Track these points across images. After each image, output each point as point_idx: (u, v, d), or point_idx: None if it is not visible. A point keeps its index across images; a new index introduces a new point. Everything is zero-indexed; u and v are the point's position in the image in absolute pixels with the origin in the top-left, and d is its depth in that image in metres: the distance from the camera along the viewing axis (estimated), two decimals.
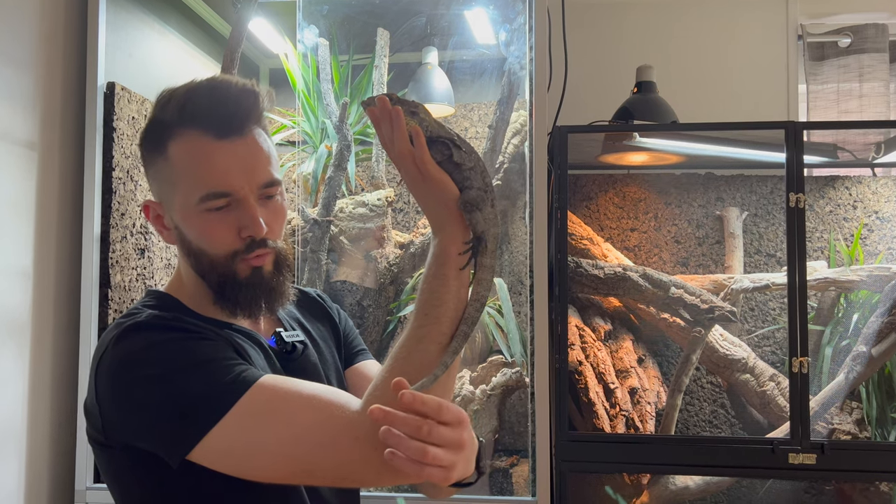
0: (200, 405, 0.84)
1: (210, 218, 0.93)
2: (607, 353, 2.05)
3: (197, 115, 0.93)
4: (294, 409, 0.84)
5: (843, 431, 1.86)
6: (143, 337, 0.89)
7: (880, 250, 2.17)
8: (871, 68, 2.74)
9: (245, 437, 0.83)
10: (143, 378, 0.87)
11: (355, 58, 2.34)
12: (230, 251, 0.94)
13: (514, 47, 1.95)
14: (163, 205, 0.97)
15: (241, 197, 0.93)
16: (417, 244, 2.18)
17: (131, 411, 0.88)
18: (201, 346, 0.89)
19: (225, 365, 0.87)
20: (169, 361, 0.87)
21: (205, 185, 0.92)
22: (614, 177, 2.31)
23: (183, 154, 0.93)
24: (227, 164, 0.92)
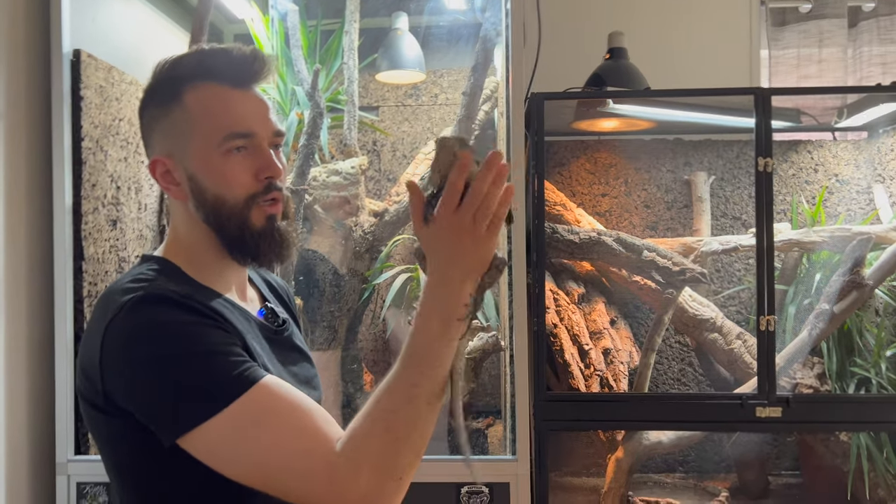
0: (201, 396, 0.86)
1: (231, 160, 0.97)
2: (581, 316, 2.10)
3: (214, 68, 0.98)
4: (284, 427, 0.87)
5: (806, 385, 1.95)
6: (156, 312, 0.90)
7: (840, 212, 2.25)
8: (831, 34, 2.80)
9: (233, 438, 0.86)
10: (152, 357, 0.88)
11: (324, 23, 2.31)
12: (248, 194, 0.98)
13: (489, 13, 1.94)
14: (174, 158, 0.99)
15: (259, 141, 0.98)
16: (392, 212, 2.19)
17: (136, 386, 0.89)
18: (212, 334, 0.90)
19: (231, 360, 0.89)
20: (179, 345, 0.88)
21: (227, 127, 0.96)
22: (586, 143, 2.35)
23: (202, 101, 0.97)
24: (246, 109, 0.98)
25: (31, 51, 1.79)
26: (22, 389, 1.76)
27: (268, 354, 1.01)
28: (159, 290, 0.92)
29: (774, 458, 2.28)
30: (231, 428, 0.85)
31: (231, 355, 0.89)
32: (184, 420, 0.86)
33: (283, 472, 0.86)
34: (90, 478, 1.77)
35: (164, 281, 0.95)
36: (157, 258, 1.02)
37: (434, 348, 0.86)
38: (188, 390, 0.87)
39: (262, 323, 1.05)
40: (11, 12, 1.73)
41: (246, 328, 0.99)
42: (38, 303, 1.81)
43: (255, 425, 0.86)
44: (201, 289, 0.99)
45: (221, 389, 0.86)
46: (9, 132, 1.72)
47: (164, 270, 0.98)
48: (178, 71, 0.99)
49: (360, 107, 2.31)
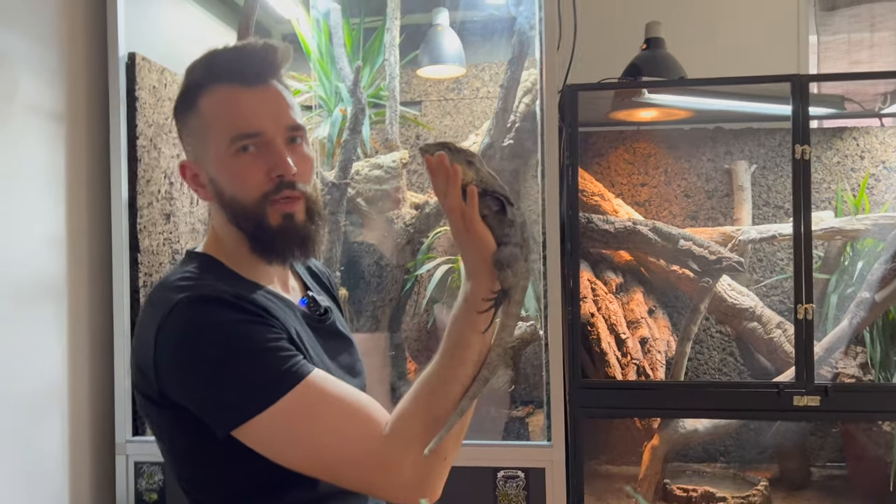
0: (253, 391, 0.91)
1: (241, 160, 0.98)
2: (618, 305, 2.11)
3: (222, 70, 0.99)
4: (335, 416, 0.91)
5: (848, 375, 1.93)
6: (207, 312, 0.94)
7: (887, 199, 2.21)
8: (883, 17, 2.73)
9: (285, 430, 0.91)
10: (205, 357, 0.93)
11: (367, 20, 2.37)
12: (261, 193, 0.99)
13: (523, 7, 1.97)
14: (198, 162, 1.02)
15: (269, 138, 0.98)
16: (432, 204, 2.24)
17: (189, 382, 0.94)
18: (260, 331, 0.94)
19: (281, 356, 0.93)
20: (231, 344, 0.92)
21: (234, 128, 0.98)
22: (624, 133, 2.35)
23: (212, 105, 0.99)
24: (254, 108, 0.99)
25: (90, 55, 1.90)
26: (84, 374, 1.87)
27: (311, 342, 1.04)
28: (208, 290, 0.95)
29: (818, 449, 2.26)
30: (283, 420, 0.90)
31: (280, 350, 0.93)
32: (237, 414, 0.91)
33: (336, 459, 0.91)
34: (147, 457, 1.88)
35: (212, 279, 0.99)
36: (200, 255, 1.06)
37: (465, 336, 0.91)
38: (241, 386, 0.91)
39: (305, 312, 1.08)
40: (71, 20, 1.84)
41: (290, 318, 1.02)
42: (98, 293, 1.92)
43: (306, 417, 0.90)
44: (244, 282, 1.02)
45: (273, 384, 0.90)
46: (70, 132, 1.83)
47: (209, 266, 1.02)
48: (193, 77, 1.02)
49: (403, 102, 2.36)
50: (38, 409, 1.73)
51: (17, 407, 1.66)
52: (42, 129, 1.75)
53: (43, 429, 1.75)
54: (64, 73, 1.81)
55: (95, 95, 1.91)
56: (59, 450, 1.79)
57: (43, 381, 1.75)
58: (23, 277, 1.69)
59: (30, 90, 1.71)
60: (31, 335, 1.72)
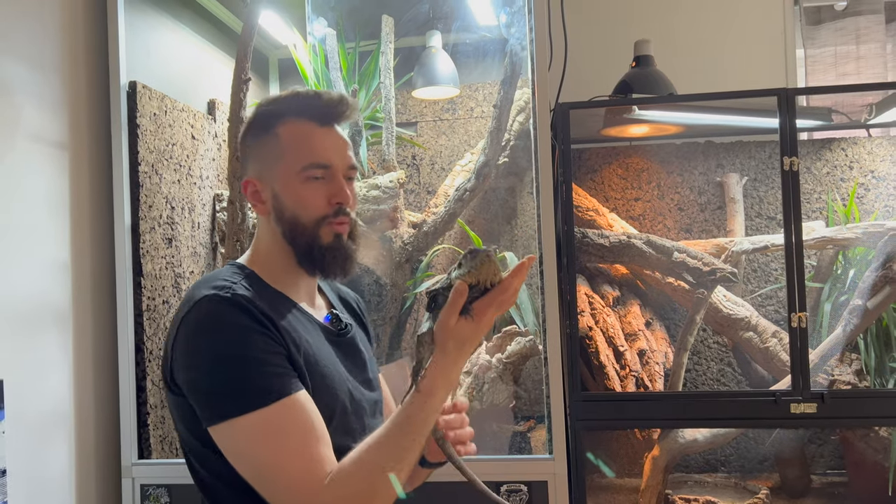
0: (236, 395, 1.01)
1: (309, 186, 1.12)
2: (616, 318, 2.14)
3: (305, 107, 1.14)
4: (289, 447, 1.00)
5: (843, 382, 1.95)
6: (222, 312, 1.04)
7: (876, 208, 2.25)
8: (868, 30, 2.79)
9: (243, 442, 1.01)
10: (208, 351, 1.04)
11: (362, 44, 2.42)
12: (320, 215, 1.12)
13: (514, 29, 2.02)
14: (262, 180, 1.15)
15: (335, 172, 1.13)
16: (430, 223, 2.27)
17: (189, 372, 1.05)
18: (261, 342, 1.03)
19: (268, 370, 1.02)
20: (232, 346, 1.02)
21: (309, 157, 1.12)
22: (617, 149, 2.40)
23: (291, 133, 1.13)
24: (327, 144, 1.14)
25: (91, 84, 1.95)
26: (89, 398, 1.89)
27: (329, 354, 1.14)
28: (230, 293, 1.06)
29: (818, 457, 2.27)
30: (245, 432, 1.00)
31: (272, 365, 1.02)
32: (217, 412, 1.02)
33: (274, 486, 1.00)
34: (153, 480, 1.90)
35: (241, 285, 1.09)
36: (239, 264, 1.18)
37: (432, 417, 1.03)
38: (228, 388, 1.01)
39: (327, 327, 1.18)
40: (72, 49, 1.89)
41: (307, 330, 1.12)
42: (102, 317, 1.94)
43: (265, 437, 0.99)
44: (273, 293, 1.13)
45: (254, 395, 1.00)
46: (73, 159, 1.87)
47: (243, 274, 1.13)
48: (275, 108, 1.15)
49: (399, 123, 2.40)
50: (44, 433, 1.75)
51: (23, 431, 1.68)
52: (45, 157, 1.78)
53: (49, 452, 1.77)
54: (66, 102, 1.85)
55: (97, 123, 1.95)
56: (66, 473, 1.81)
57: (49, 405, 1.77)
58: (28, 303, 1.72)
59: (33, 118, 1.75)
60: (37, 360, 1.74)
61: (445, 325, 1.00)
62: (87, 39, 1.94)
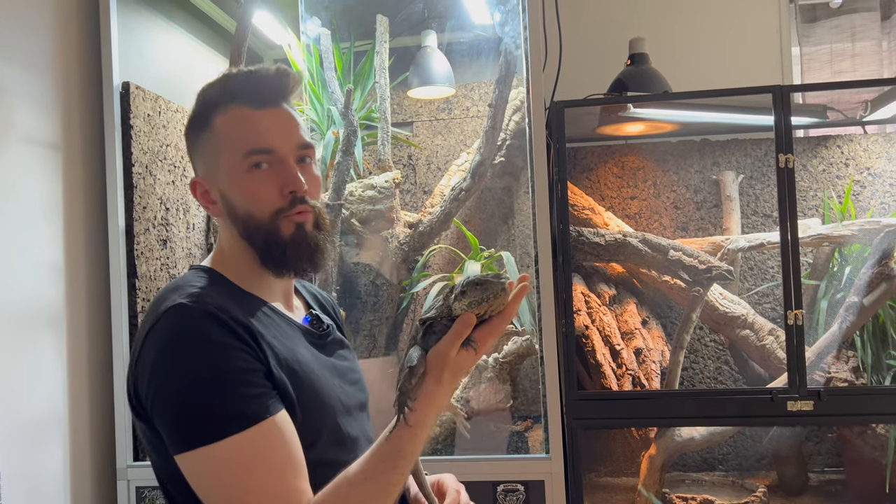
0: (207, 422, 0.90)
1: (255, 177, 1.01)
2: (612, 317, 2.14)
3: (237, 91, 1.03)
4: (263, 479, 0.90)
5: (840, 379, 1.95)
6: (192, 325, 0.94)
7: (872, 205, 2.24)
8: (864, 27, 2.79)
9: (214, 473, 0.90)
10: (175, 371, 0.92)
11: (357, 44, 2.41)
12: (274, 209, 1.02)
13: (508, 27, 2.02)
14: (209, 179, 1.05)
15: (282, 156, 1.02)
16: (426, 223, 2.26)
17: (156, 395, 0.93)
18: (236, 358, 0.93)
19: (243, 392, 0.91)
20: (202, 365, 0.92)
21: (247, 143, 1.01)
22: (613, 148, 2.39)
23: (227, 123, 1.03)
24: (267, 126, 1.03)
25: (85, 85, 1.94)
26: (84, 400, 1.89)
27: (313, 360, 1.05)
28: (199, 302, 0.95)
29: (815, 455, 2.27)
30: (221, 461, 0.90)
31: (248, 385, 0.92)
32: (185, 439, 0.91)
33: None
34: (148, 482, 1.89)
35: (209, 291, 0.98)
36: (204, 268, 1.07)
37: (420, 448, 0.94)
38: (197, 412, 0.90)
39: (307, 329, 1.09)
40: (65, 51, 1.88)
41: (286, 336, 1.02)
42: (97, 319, 1.94)
43: (238, 467, 0.90)
44: (247, 296, 1.03)
45: (227, 421, 0.90)
46: (66, 161, 1.86)
47: (212, 279, 1.03)
48: (208, 98, 1.05)
49: (394, 123, 2.40)
50: (39, 436, 1.74)
51: (18, 434, 1.67)
52: (38, 159, 1.78)
53: (44, 455, 1.76)
54: (59, 103, 1.85)
55: (91, 124, 1.94)
56: (61, 476, 1.80)
57: (43, 407, 1.76)
58: (22, 305, 1.71)
59: (26, 120, 1.74)
60: (31, 362, 1.73)
61: (445, 356, 0.92)
62: (80, 40, 1.94)
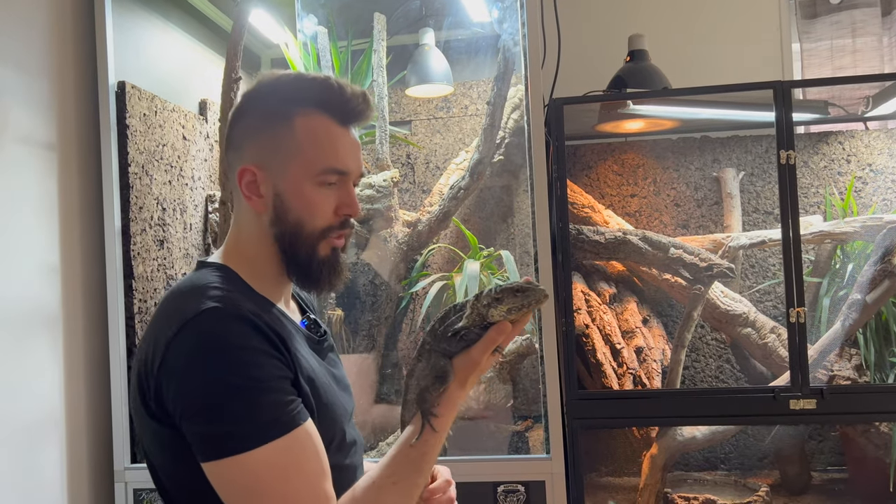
0: (241, 430, 0.89)
1: (322, 192, 1.01)
2: (613, 316, 2.12)
3: (325, 100, 1.01)
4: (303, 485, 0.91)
5: (843, 377, 1.93)
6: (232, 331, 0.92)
7: (874, 201, 2.23)
8: (864, 23, 2.77)
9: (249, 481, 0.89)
10: (210, 375, 0.91)
11: (354, 43, 2.40)
12: (326, 225, 1.02)
13: (506, 24, 2.00)
14: (265, 173, 1.01)
15: (349, 179, 1.03)
16: (425, 222, 2.25)
17: (187, 397, 0.91)
18: (270, 366, 0.93)
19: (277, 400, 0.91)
20: (240, 374, 0.90)
21: (329, 161, 1.00)
22: (612, 145, 2.38)
23: (311, 130, 1.00)
24: (346, 148, 1.02)
25: (80, 85, 1.93)
26: (81, 402, 1.87)
27: (320, 368, 1.04)
28: (232, 306, 0.94)
29: (818, 454, 2.26)
30: (257, 469, 0.89)
31: (282, 392, 0.92)
32: (219, 447, 0.89)
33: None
34: (146, 485, 1.88)
35: (235, 295, 0.97)
36: (217, 265, 1.04)
37: (439, 448, 0.98)
38: (234, 420, 0.89)
39: (307, 333, 1.09)
40: (61, 50, 1.87)
41: (301, 344, 1.03)
42: (94, 320, 1.92)
43: (278, 473, 0.89)
44: (259, 299, 1.01)
45: (263, 429, 0.89)
46: (62, 161, 1.85)
47: (229, 278, 1.01)
48: (287, 93, 1.02)
49: (393, 122, 2.38)
50: (35, 438, 1.73)
51: (14, 435, 1.66)
52: (34, 159, 1.76)
53: (41, 457, 1.75)
54: (54, 103, 1.83)
55: (86, 124, 1.93)
56: (58, 478, 1.79)
57: (40, 409, 1.75)
58: (18, 306, 1.70)
59: (21, 121, 1.73)
60: (28, 363, 1.72)
61: (476, 362, 0.95)
62: (76, 39, 1.92)
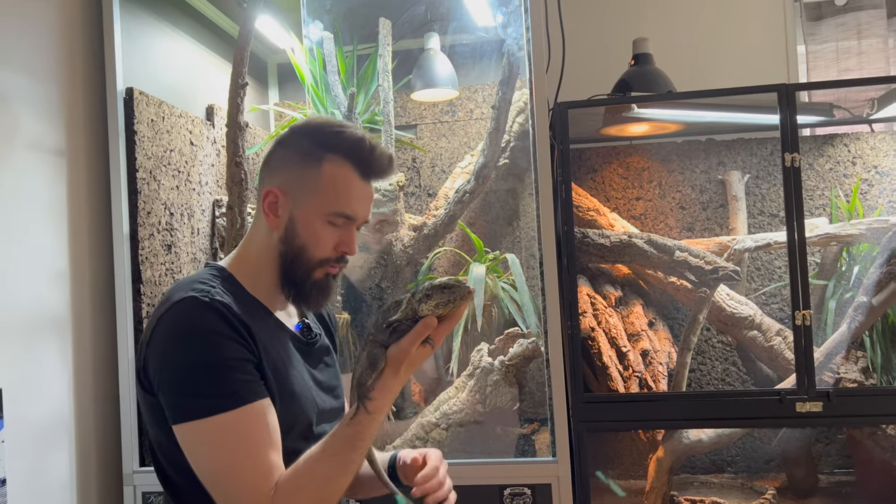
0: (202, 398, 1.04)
1: (327, 228, 1.16)
2: (618, 319, 2.12)
3: (355, 155, 1.16)
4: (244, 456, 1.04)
5: (850, 380, 1.93)
6: (198, 315, 1.08)
7: (880, 203, 2.23)
8: (869, 25, 2.77)
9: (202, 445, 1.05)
10: (179, 353, 1.07)
11: (359, 48, 2.41)
12: (323, 257, 1.17)
13: (511, 29, 2.01)
14: (287, 198, 1.16)
15: (353, 224, 1.18)
16: (430, 226, 2.26)
17: (161, 372, 1.08)
18: (233, 348, 1.07)
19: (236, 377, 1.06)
20: (203, 351, 1.06)
21: (341, 205, 1.16)
22: (617, 148, 2.38)
23: (334, 175, 1.16)
24: (359, 198, 1.17)
25: (89, 91, 1.94)
26: (89, 406, 1.89)
27: (296, 363, 1.18)
28: (208, 297, 1.09)
29: (825, 456, 2.25)
30: (211, 434, 1.04)
31: (240, 372, 1.06)
32: (182, 412, 1.05)
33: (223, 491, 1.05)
34: (155, 488, 1.88)
35: (218, 290, 1.11)
36: (219, 267, 1.19)
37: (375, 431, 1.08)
38: (195, 390, 1.05)
39: (296, 335, 1.22)
40: (69, 57, 1.88)
41: (278, 339, 1.16)
42: (102, 324, 1.94)
43: (223, 443, 1.04)
44: (251, 300, 1.16)
45: (219, 399, 1.04)
46: (71, 167, 1.86)
47: (222, 278, 1.16)
48: (327, 139, 1.17)
49: (398, 126, 2.39)
50: (44, 442, 1.74)
51: (23, 439, 1.67)
52: (43, 165, 1.78)
53: (50, 460, 1.76)
54: (63, 109, 1.85)
55: (95, 130, 1.95)
56: (67, 481, 1.80)
57: (49, 413, 1.76)
58: (27, 311, 1.72)
59: (30, 127, 1.74)
60: (37, 368, 1.73)
61: (406, 351, 1.05)
62: (84, 46, 1.94)
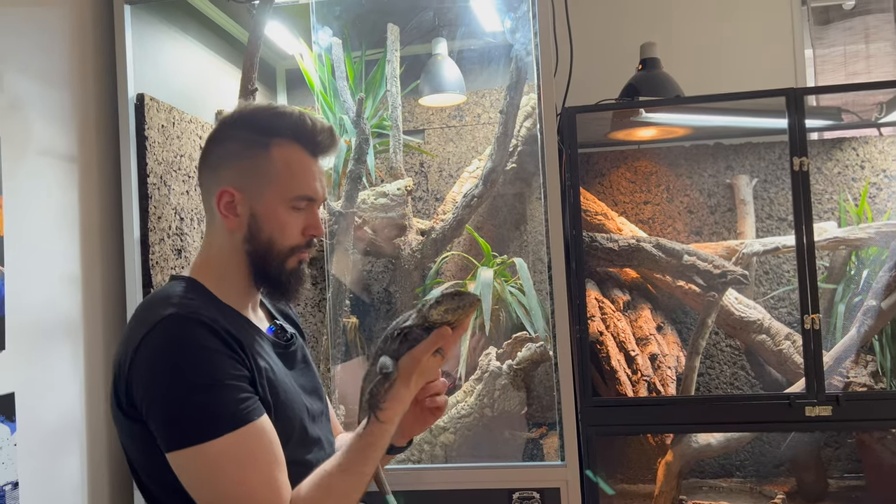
0: (200, 423, 0.99)
1: (292, 214, 1.13)
2: (627, 323, 2.13)
3: (302, 133, 1.13)
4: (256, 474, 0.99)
5: (859, 384, 1.92)
6: (189, 333, 1.02)
7: (889, 207, 2.22)
8: (877, 28, 2.77)
9: (207, 469, 0.99)
10: (172, 377, 1.01)
11: (368, 53, 2.43)
12: (293, 244, 1.14)
13: (519, 34, 2.02)
14: (242, 194, 1.12)
15: (315, 204, 1.15)
16: (438, 230, 2.27)
17: (153, 394, 1.01)
18: (227, 365, 1.02)
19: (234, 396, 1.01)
20: (196, 371, 1.00)
21: (300, 189, 1.13)
22: (625, 152, 2.39)
23: (286, 159, 1.12)
24: (315, 176, 1.15)
25: (100, 97, 1.96)
26: (101, 411, 1.90)
27: (278, 367, 1.14)
28: (192, 313, 1.04)
29: (835, 461, 2.25)
30: (214, 458, 0.98)
31: (238, 390, 1.01)
32: (180, 438, 0.99)
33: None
34: None
35: (198, 302, 1.07)
36: (186, 278, 1.15)
37: (388, 440, 1.07)
38: (193, 413, 0.99)
39: (272, 339, 1.19)
40: (81, 63, 1.90)
41: (262, 347, 1.12)
42: (113, 329, 1.95)
43: (234, 462, 0.98)
44: (224, 307, 1.12)
45: (220, 421, 0.99)
46: (82, 172, 1.88)
47: (195, 289, 1.12)
48: (264, 122, 1.13)
49: (406, 131, 2.40)
50: (56, 446, 1.76)
51: (35, 443, 1.68)
52: (55, 171, 1.79)
53: (62, 464, 1.77)
54: (75, 115, 1.87)
55: (106, 136, 1.96)
56: (78, 485, 1.81)
57: (61, 417, 1.77)
58: (39, 316, 1.73)
59: (42, 133, 1.76)
60: (49, 372, 1.75)
61: (417, 361, 1.04)
62: (96, 53, 1.96)
